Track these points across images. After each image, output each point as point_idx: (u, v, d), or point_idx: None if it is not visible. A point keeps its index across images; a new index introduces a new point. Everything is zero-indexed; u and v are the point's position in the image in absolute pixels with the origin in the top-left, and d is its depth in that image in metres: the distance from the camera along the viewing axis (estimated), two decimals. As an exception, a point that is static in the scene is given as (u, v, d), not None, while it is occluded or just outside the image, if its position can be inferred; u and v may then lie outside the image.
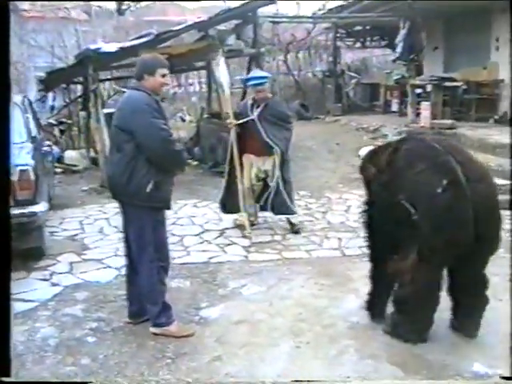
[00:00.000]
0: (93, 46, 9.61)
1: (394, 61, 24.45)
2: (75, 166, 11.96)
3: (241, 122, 7.02)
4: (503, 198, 7.76)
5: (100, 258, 6.44)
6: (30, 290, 5.47)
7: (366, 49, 23.73)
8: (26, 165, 5.74)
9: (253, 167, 7.21)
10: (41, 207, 5.85)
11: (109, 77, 15.01)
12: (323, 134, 14.18)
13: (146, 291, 4.51)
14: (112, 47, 9.31)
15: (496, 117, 13.30)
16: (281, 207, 7.16)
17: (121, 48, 9.25)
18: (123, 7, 15.85)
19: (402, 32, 12.63)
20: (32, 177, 5.70)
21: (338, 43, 19.63)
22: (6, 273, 3.28)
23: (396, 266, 4.27)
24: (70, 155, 12.28)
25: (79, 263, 6.28)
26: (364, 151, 4.74)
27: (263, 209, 7.44)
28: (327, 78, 18.94)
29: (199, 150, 13.04)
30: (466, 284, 4.32)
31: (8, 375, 3.26)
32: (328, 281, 5.63)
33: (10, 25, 3.34)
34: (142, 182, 4.31)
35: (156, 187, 4.33)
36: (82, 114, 13.89)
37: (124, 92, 5.40)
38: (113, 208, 8.62)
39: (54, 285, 5.65)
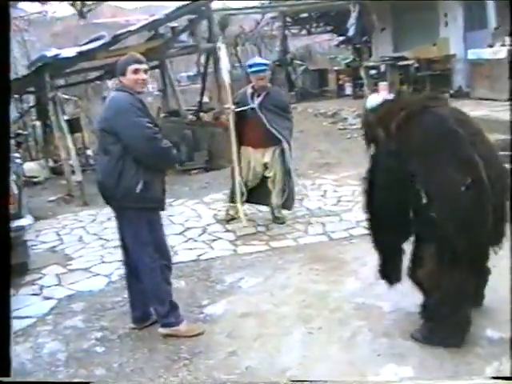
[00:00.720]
0: (49, 53, 9.37)
1: (337, 45, 24.95)
2: (35, 177, 11.69)
3: (240, 109, 6.73)
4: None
5: (86, 266, 6.31)
6: (23, 306, 5.33)
7: (311, 35, 23.94)
8: (8, 178, 5.55)
9: (250, 161, 6.97)
10: (27, 221, 5.70)
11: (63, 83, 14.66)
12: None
13: (152, 292, 4.45)
14: (70, 52, 9.10)
15: (451, 91, 13.56)
16: (286, 202, 7.10)
17: (79, 53, 9.04)
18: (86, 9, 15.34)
19: (353, 15, 12.74)
20: (15, 190, 5.54)
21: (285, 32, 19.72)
22: (5, 272, 3.23)
23: (418, 274, 4.08)
24: (30, 167, 11.97)
25: (66, 274, 6.15)
26: (372, 102, 4.33)
27: (265, 204, 7.27)
28: (277, 67, 18.96)
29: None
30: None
31: (8, 375, 3.23)
32: (323, 266, 5.65)
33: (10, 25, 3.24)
34: (131, 183, 4.24)
35: (146, 187, 4.27)
36: (37, 123, 13.62)
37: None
38: (88, 216, 8.52)
39: (46, 298, 5.51)
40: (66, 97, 15.13)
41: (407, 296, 4.57)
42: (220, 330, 4.55)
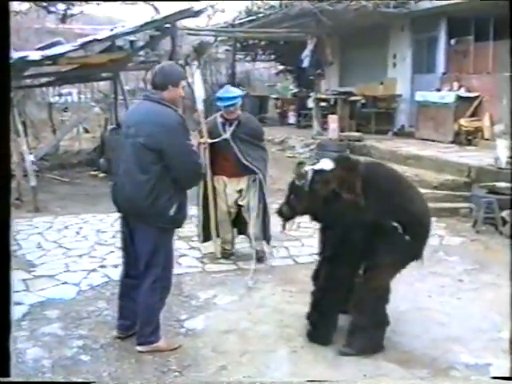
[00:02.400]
0: (15, 54, 9.18)
1: (277, 74, 25.47)
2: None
3: (212, 141, 6.29)
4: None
5: (52, 274, 6.19)
6: (-8, 310, 5.18)
7: (254, 62, 24.34)
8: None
9: (227, 190, 6.56)
10: None
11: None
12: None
13: (145, 310, 4.41)
14: (35, 55, 8.96)
15: (394, 129, 14.15)
16: (260, 234, 6.57)
17: (45, 56, 8.92)
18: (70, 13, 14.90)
19: (309, 47, 13.12)
20: None
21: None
22: (5, 271, 3.20)
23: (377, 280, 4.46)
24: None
25: (32, 280, 6.00)
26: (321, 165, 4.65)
27: (241, 233, 6.94)
28: (225, 89, 19.14)
29: (105, 161, 12.81)
30: None
31: (8, 375, 3.21)
32: (294, 287, 5.79)
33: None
34: (166, 205, 4.17)
35: (179, 209, 4.25)
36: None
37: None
38: (43, 223, 8.36)
39: (17, 303, 5.32)
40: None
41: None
42: (203, 344, 4.59)
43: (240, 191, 6.56)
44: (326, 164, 4.46)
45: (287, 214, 4.73)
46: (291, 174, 4.59)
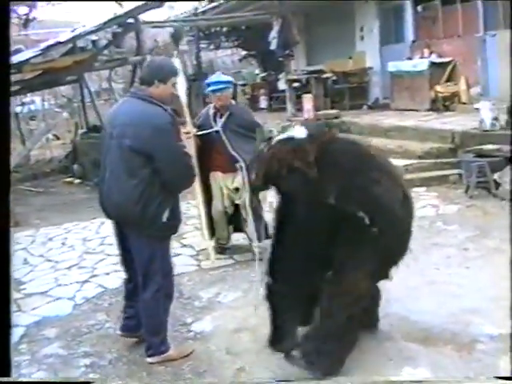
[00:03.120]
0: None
1: (240, 60, 25.18)
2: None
3: (201, 133, 5.95)
4: (410, 176, 8.33)
5: (43, 290, 5.91)
6: (-14, 336, 4.90)
7: (217, 50, 24.03)
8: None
9: (222, 187, 6.19)
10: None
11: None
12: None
13: (150, 320, 4.17)
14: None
15: (369, 103, 14.00)
16: (252, 234, 6.07)
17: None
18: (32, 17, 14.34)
19: (275, 29, 12.87)
20: None
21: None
22: (5, 269, 3.11)
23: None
24: None
25: (24, 299, 5.72)
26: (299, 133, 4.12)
27: (238, 230, 6.48)
28: (193, 82, 18.82)
29: (79, 166, 12.51)
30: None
31: (8, 375, 3.13)
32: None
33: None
34: (157, 211, 3.93)
35: (171, 215, 4.00)
36: None
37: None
38: (24, 237, 8.04)
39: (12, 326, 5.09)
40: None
41: (397, 301, 4.65)
42: (216, 347, 4.38)
43: (237, 189, 6.13)
44: (295, 132, 3.96)
45: (258, 185, 4.15)
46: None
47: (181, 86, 5.79)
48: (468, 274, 5.26)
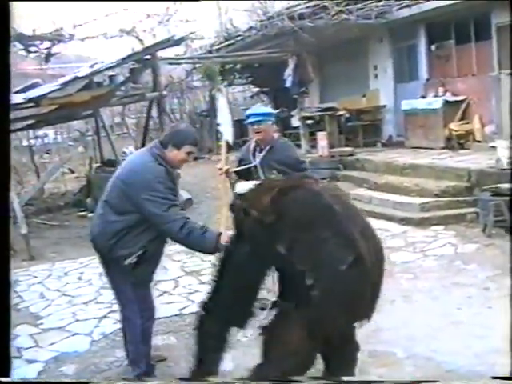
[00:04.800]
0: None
1: (252, 96, 25.38)
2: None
3: (238, 169, 5.57)
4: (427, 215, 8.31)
5: (61, 325, 5.87)
6: (4, 371, 4.85)
7: (231, 86, 24.24)
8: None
9: None
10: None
11: None
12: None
13: (131, 352, 4.38)
14: (17, 98, 8.69)
15: (383, 140, 14.04)
16: None
17: (28, 99, 8.66)
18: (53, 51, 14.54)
19: (290, 66, 13.01)
20: None
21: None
22: (5, 268, 3.11)
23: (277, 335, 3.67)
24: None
25: (41, 334, 5.69)
26: (241, 187, 4.11)
27: None
28: (204, 117, 19.00)
29: (92, 200, 12.52)
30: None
31: (8, 375, 3.16)
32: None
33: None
34: (124, 253, 4.05)
35: (137, 263, 4.07)
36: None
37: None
38: (41, 271, 8.04)
39: (30, 362, 5.06)
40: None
41: (421, 342, 4.58)
42: (238, 386, 4.32)
43: None
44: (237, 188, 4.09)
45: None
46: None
47: (226, 123, 5.68)
48: (491, 315, 5.19)
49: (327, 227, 3.50)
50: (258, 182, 4.05)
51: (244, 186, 3.93)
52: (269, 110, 5.96)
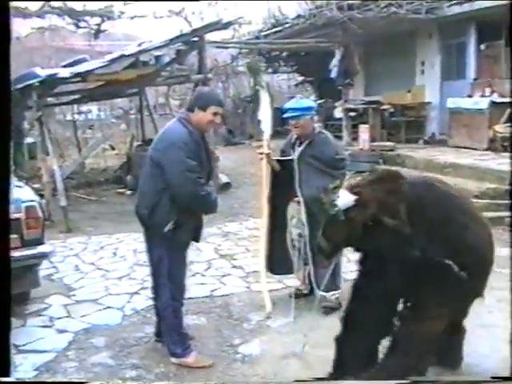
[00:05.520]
0: (41, 71, 9.05)
1: (296, 85, 25.28)
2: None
3: (279, 158, 5.49)
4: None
5: (93, 298, 5.98)
6: (36, 339, 4.98)
7: (276, 73, 24.19)
8: (33, 200, 5.23)
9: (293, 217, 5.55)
10: (49, 247, 5.37)
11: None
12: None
13: (163, 323, 4.52)
14: (65, 72, 8.81)
15: (425, 138, 13.85)
16: (321, 280, 5.20)
17: (75, 73, 8.78)
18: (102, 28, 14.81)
19: (337, 57, 12.92)
20: (40, 214, 5.21)
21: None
22: (5, 269, 3.08)
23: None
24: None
25: (73, 305, 5.80)
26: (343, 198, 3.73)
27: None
28: (248, 103, 18.99)
29: (132, 178, 12.66)
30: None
31: (8, 375, 3.12)
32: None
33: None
34: (162, 219, 4.19)
35: (175, 229, 4.20)
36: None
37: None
38: (77, 243, 8.18)
39: (60, 331, 5.16)
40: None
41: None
42: (264, 372, 4.35)
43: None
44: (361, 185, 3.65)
45: (326, 250, 3.76)
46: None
47: (266, 120, 5.63)
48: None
49: (462, 215, 3.67)
50: (362, 186, 3.68)
51: (345, 197, 3.54)
52: (308, 103, 5.66)
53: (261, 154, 5.35)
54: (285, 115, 5.39)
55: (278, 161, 5.49)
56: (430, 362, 3.87)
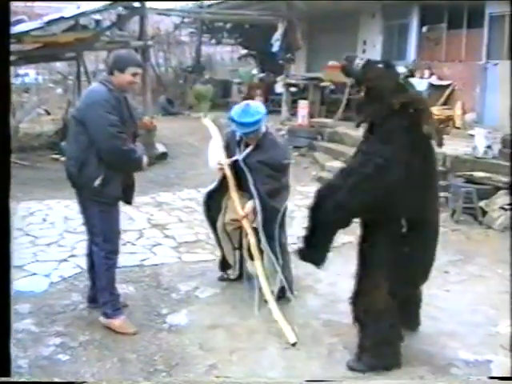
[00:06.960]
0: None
1: (239, 58, 25.16)
2: None
3: (230, 160, 5.06)
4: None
5: (20, 264, 5.77)
6: (-44, 304, 4.81)
7: (219, 45, 23.98)
8: None
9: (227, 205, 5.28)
10: None
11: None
12: (198, 129, 13.95)
13: (96, 278, 4.53)
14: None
15: (363, 116, 13.97)
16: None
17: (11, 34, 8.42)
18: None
19: (279, 31, 12.86)
20: None
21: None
22: (5, 267, 3.07)
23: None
24: None
25: (-2, 271, 5.63)
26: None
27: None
28: (189, 73, 18.76)
29: (66, 144, 12.35)
30: None
31: (8, 375, 3.11)
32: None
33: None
34: (91, 175, 4.27)
35: (104, 183, 4.27)
36: None
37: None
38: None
39: (-17, 297, 5.00)
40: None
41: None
42: (189, 341, 4.34)
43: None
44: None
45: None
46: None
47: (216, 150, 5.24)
48: (447, 298, 5.24)
49: None
50: None
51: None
52: (260, 110, 4.96)
53: (221, 168, 5.08)
54: (243, 131, 4.92)
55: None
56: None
